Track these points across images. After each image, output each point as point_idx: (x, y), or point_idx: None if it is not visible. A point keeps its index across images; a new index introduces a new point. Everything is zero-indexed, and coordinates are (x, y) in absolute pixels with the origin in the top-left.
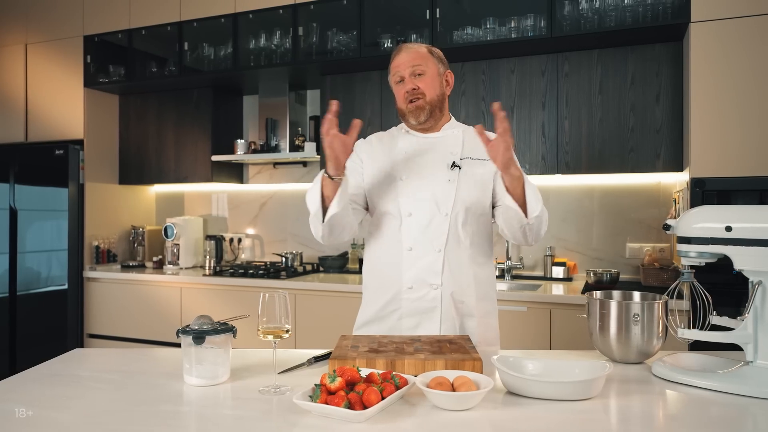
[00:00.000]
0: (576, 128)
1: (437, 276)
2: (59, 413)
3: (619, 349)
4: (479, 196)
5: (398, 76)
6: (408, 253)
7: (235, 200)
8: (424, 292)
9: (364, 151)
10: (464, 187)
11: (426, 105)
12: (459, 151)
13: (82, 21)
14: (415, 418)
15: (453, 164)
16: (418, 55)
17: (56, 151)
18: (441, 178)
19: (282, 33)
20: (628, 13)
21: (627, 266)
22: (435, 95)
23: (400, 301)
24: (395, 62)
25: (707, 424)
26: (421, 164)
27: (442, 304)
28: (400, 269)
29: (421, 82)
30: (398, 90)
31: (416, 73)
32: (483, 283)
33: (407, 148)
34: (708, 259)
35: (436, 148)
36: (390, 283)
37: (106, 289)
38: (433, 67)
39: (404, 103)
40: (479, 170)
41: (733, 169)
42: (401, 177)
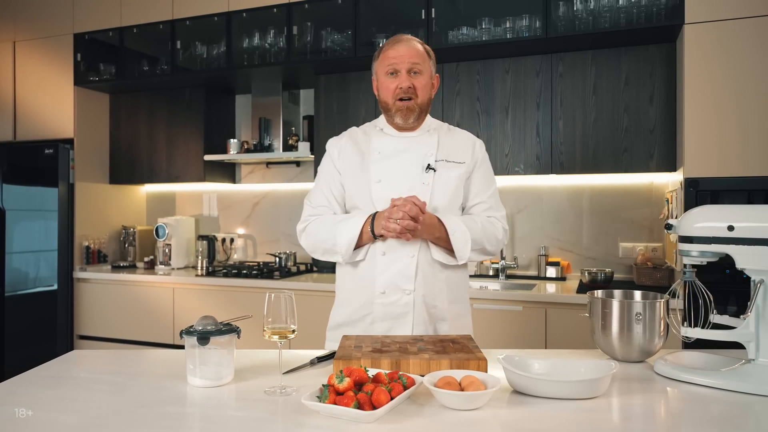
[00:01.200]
0: (570, 128)
1: (410, 281)
2: (63, 415)
3: (621, 347)
4: (452, 200)
5: (392, 68)
6: (381, 258)
7: (227, 200)
8: (396, 297)
9: (337, 151)
10: (438, 191)
11: (416, 107)
12: (434, 153)
13: (72, 18)
14: (424, 418)
15: (428, 167)
16: (418, 52)
17: (46, 151)
18: (416, 181)
19: (276, 32)
20: (623, 14)
21: (620, 266)
22: (426, 98)
23: (373, 306)
24: (392, 52)
25: (710, 422)
26: (396, 166)
27: (414, 309)
28: (373, 273)
29: (417, 82)
30: (389, 82)
31: (413, 71)
32: (455, 286)
33: (382, 148)
34: (710, 258)
35: (412, 149)
36: (363, 287)
37: (96, 289)
38: (428, 68)
39: (393, 99)
40: (453, 173)
41: (727, 169)
42: (376, 180)
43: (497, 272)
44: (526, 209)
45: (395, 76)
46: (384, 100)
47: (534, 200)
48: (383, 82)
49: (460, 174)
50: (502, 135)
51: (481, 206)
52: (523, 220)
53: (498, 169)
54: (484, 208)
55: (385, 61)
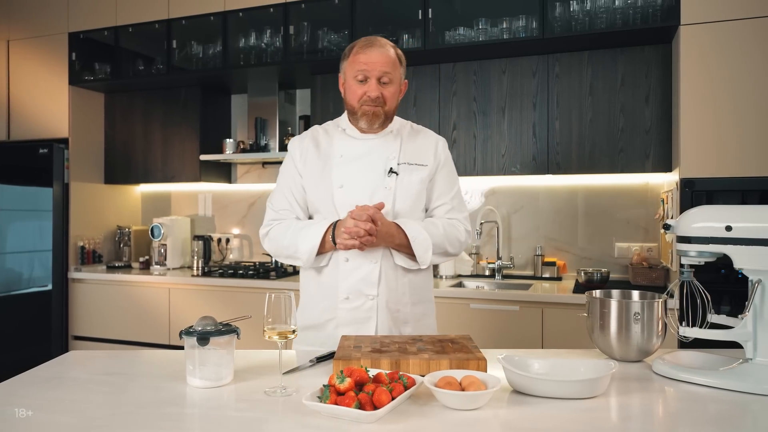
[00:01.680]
0: (566, 129)
1: (373, 287)
2: (64, 416)
3: (619, 347)
4: (414, 203)
5: (363, 75)
6: (345, 264)
7: (222, 200)
8: (360, 303)
9: (299, 153)
10: (401, 195)
11: (383, 114)
12: (396, 156)
13: (67, 18)
14: (425, 418)
15: (390, 170)
16: (390, 60)
17: (40, 150)
18: (378, 185)
19: (272, 32)
20: (619, 15)
21: (615, 265)
22: (394, 106)
23: (336, 311)
24: (364, 57)
25: (708, 421)
26: (358, 171)
27: (377, 314)
28: (336, 279)
29: (386, 91)
30: (357, 87)
31: (383, 80)
32: (418, 288)
33: (344, 151)
34: (708, 258)
35: (374, 152)
36: (326, 292)
37: (91, 290)
38: (398, 76)
39: (359, 102)
40: (416, 177)
41: (722, 169)
42: (338, 185)
43: (494, 272)
44: (522, 209)
45: (365, 82)
46: (350, 102)
47: (530, 200)
48: (351, 86)
49: (423, 177)
50: (498, 135)
51: (443, 208)
52: (519, 220)
53: (494, 169)
54: (447, 209)
55: (355, 65)
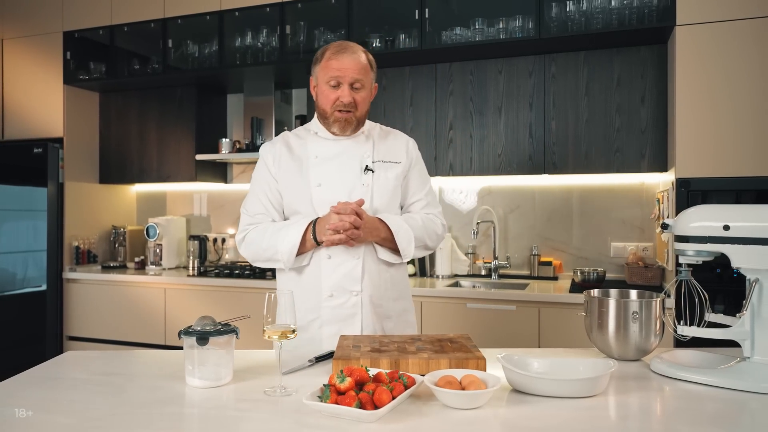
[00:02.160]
0: (563, 129)
1: (357, 282)
2: (62, 417)
3: (617, 346)
4: (391, 199)
5: (335, 81)
6: (327, 261)
7: (218, 200)
8: (344, 299)
9: (272, 157)
10: (378, 192)
11: (355, 120)
12: (371, 155)
13: (62, 16)
14: (426, 417)
15: (366, 168)
16: (362, 66)
17: (35, 150)
18: (355, 183)
19: (269, 31)
20: (615, 15)
21: (611, 265)
22: (365, 110)
23: (320, 310)
24: (336, 64)
25: (707, 419)
26: (335, 169)
27: (362, 309)
28: (319, 277)
29: (358, 96)
30: (329, 92)
31: (355, 86)
32: (398, 283)
33: (319, 152)
34: (705, 257)
35: (349, 151)
36: (308, 291)
37: (86, 290)
38: (369, 81)
39: (331, 109)
40: (391, 173)
41: (718, 169)
42: (316, 184)
43: (490, 272)
44: (518, 209)
45: (337, 88)
46: (322, 108)
47: (526, 200)
48: (323, 91)
49: (398, 174)
50: (495, 135)
51: (419, 204)
52: (515, 220)
53: (491, 169)
54: (422, 205)
55: (327, 71)
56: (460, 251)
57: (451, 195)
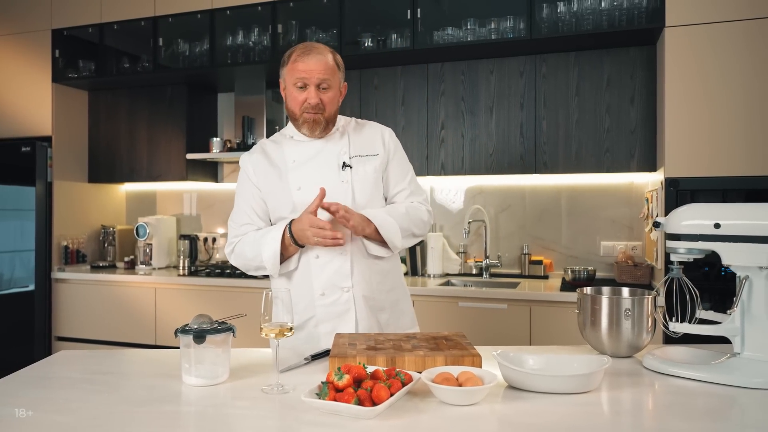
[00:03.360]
0: (553, 129)
1: (347, 278)
2: (60, 416)
3: (610, 343)
4: (373, 192)
5: (302, 82)
6: (315, 261)
7: (208, 199)
8: (336, 297)
9: (251, 167)
10: (358, 186)
11: (323, 120)
12: (347, 150)
13: (50, 14)
14: (423, 414)
15: (344, 164)
16: (328, 67)
17: (23, 149)
18: (335, 181)
19: (260, 30)
20: (605, 16)
21: (601, 264)
22: (334, 110)
23: (314, 309)
24: (302, 66)
25: (698, 414)
26: (312, 170)
27: (355, 305)
28: (309, 277)
29: (325, 97)
30: (297, 94)
31: (322, 86)
32: (389, 274)
33: (295, 156)
34: (697, 255)
35: (325, 150)
36: (301, 292)
37: (75, 290)
38: (336, 81)
39: (300, 111)
40: (369, 166)
41: (706, 169)
42: (296, 187)
43: (481, 271)
44: (509, 208)
45: (304, 89)
46: (291, 109)
47: (517, 199)
48: (291, 93)
49: (376, 166)
50: (486, 135)
51: (403, 194)
52: (506, 219)
53: (482, 169)
54: (406, 194)
55: (294, 73)
56: (451, 250)
57: (443, 194)
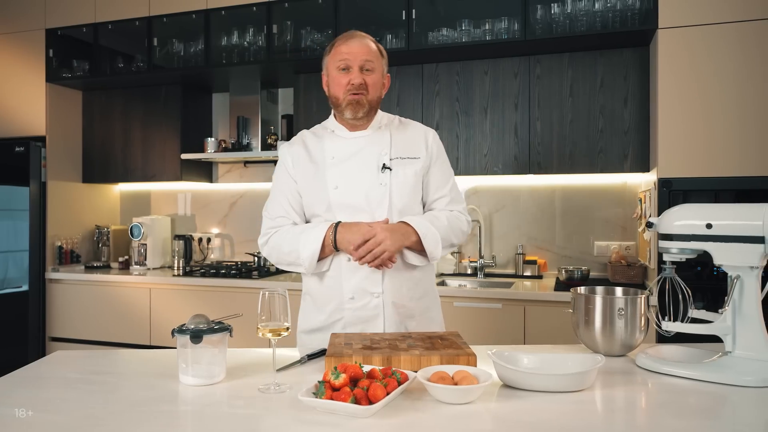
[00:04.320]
0: (547, 129)
1: (378, 284)
2: (57, 416)
3: (603, 342)
4: (411, 196)
5: (345, 64)
6: (347, 264)
7: (203, 199)
8: (365, 301)
9: (291, 159)
10: (396, 190)
11: (366, 102)
12: (388, 152)
13: (44, 13)
14: (419, 412)
15: (384, 166)
16: (370, 50)
17: (16, 148)
18: (373, 182)
19: (255, 30)
20: (598, 18)
21: (595, 263)
22: (376, 96)
23: (343, 311)
24: (345, 48)
25: (690, 412)
26: (351, 169)
27: (384, 311)
28: (340, 280)
29: (368, 79)
30: (340, 77)
31: (366, 68)
32: (422, 281)
33: (336, 152)
34: (689, 255)
35: (365, 149)
36: (331, 294)
37: (69, 290)
38: (380, 66)
39: (344, 93)
40: (410, 170)
41: (699, 169)
42: (333, 186)
43: (476, 271)
44: (503, 209)
45: (347, 71)
46: (335, 95)
47: (512, 200)
48: (335, 77)
49: (417, 170)
50: (480, 135)
51: (443, 200)
52: (500, 220)
53: (476, 169)
54: (446, 201)
55: (337, 56)
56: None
57: None
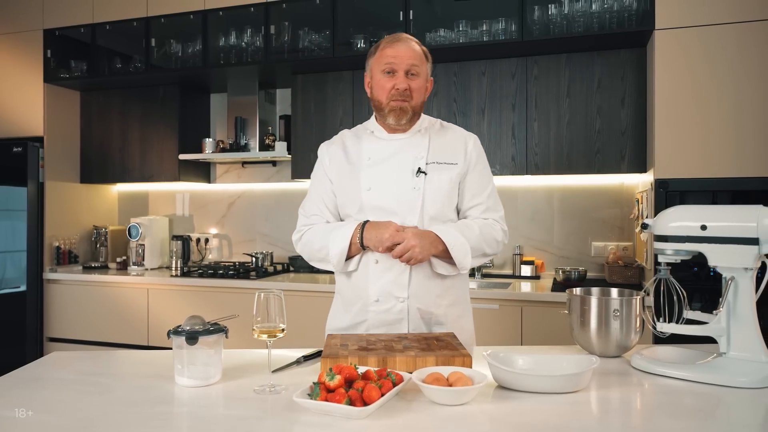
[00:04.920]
0: (545, 130)
1: (404, 289)
2: (52, 417)
3: (599, 343)
4: (444, 203)
5: (390, 67)
6: (375, 266)
7: (201, 200)
8: (390, 305)
9: (328, 158)
10: (429, 195)
11: (410, 109)
12: (425, 156)
13: (42, 14)
14: (414, 414)
15: (419, 170)
16: (416, 54)
17: (14, 149)
18: (406, 186)
19: (253, 31)
20: (595, 19)
21: (592, 264)
22: (420, 101)
23: (367, 313)
24: (392, 51)
25: (684, 413)
26: (386, 172)
27: (408, 316)
28: (366, 281)
29: (413, 84)
30: (384, 81)
31: (411, 73)
32: (452, 288)
33: (372, 153)
34: (684, 256)
35: (402, 152)
36: (358, 294)
37: (67, 291)
38: (425, 70)
39: (387, 98)
40: (445, 175)
41: (695, 170)
42: (366, 188)
43: (473, 271)
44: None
45: (392, 75)
46: (377, 98)
47: (509, 200)
48: (379, 81)
49: (453, 176)
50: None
51: (478, 208)
52: None
53: None
54: (482, 209)
55: (382, 59)
56: None
57: None
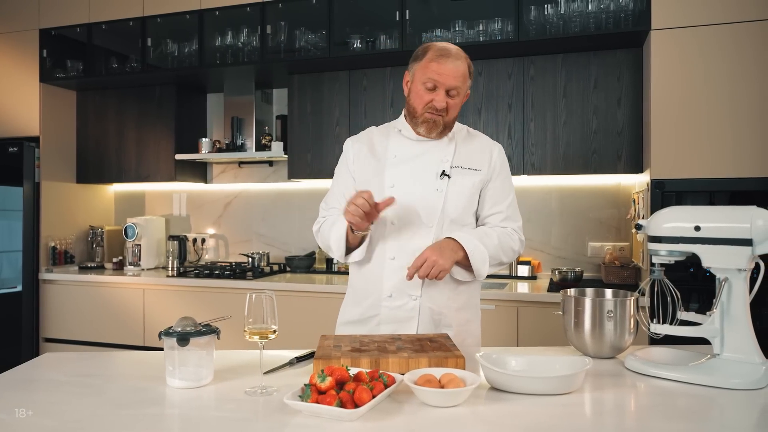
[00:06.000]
0: (541, 130)
1: (417, 288)
2: (44, 419)
3: (593, 344)
4: (465, 207)
5: (433, 84)
6: (390, 262)
7: (197, 200)
8: (403, 302)
9: (352, 154)
10: (451, 198)
11: (442, 124)
12: (450, 159)
13: (38, 13)
14: (405, 416)
15: (443, 173)
16: (461, 74)
17: (10, 149)
18: (429, 188)
19: (249, 31)
20: (592, 19)
21: (589, 264)
22: (454, 116)
23: (380, 308)
24: (437, 68)
25: (678, 415)
26: (410, 171)
27: (419, 314)
28: (381, 277)
29: (451, 102)
30: (424, 93)
31: (451, 93)
32: (464, 293)
33: (398, 152)
34: (677, 257)
35: (428, 153)
36: (371, 289)
37: (63, 291)
38: (465, 89)
39: (423, 109)
40: (468, 181)
41: (692, 170)
42: (390, 185)
43: None
44: None
45: (434, 90)
46: (413, 105)
47: None
48: (418, 90)
49: (475, 182)
50: None
51: (498, 216)
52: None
53: None
54: (502, 218)
55: (427, 72)
56: None
57: None
